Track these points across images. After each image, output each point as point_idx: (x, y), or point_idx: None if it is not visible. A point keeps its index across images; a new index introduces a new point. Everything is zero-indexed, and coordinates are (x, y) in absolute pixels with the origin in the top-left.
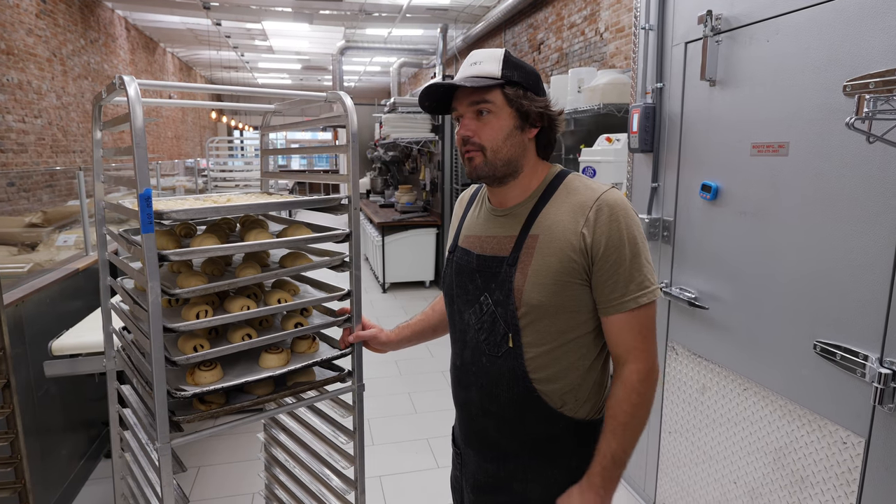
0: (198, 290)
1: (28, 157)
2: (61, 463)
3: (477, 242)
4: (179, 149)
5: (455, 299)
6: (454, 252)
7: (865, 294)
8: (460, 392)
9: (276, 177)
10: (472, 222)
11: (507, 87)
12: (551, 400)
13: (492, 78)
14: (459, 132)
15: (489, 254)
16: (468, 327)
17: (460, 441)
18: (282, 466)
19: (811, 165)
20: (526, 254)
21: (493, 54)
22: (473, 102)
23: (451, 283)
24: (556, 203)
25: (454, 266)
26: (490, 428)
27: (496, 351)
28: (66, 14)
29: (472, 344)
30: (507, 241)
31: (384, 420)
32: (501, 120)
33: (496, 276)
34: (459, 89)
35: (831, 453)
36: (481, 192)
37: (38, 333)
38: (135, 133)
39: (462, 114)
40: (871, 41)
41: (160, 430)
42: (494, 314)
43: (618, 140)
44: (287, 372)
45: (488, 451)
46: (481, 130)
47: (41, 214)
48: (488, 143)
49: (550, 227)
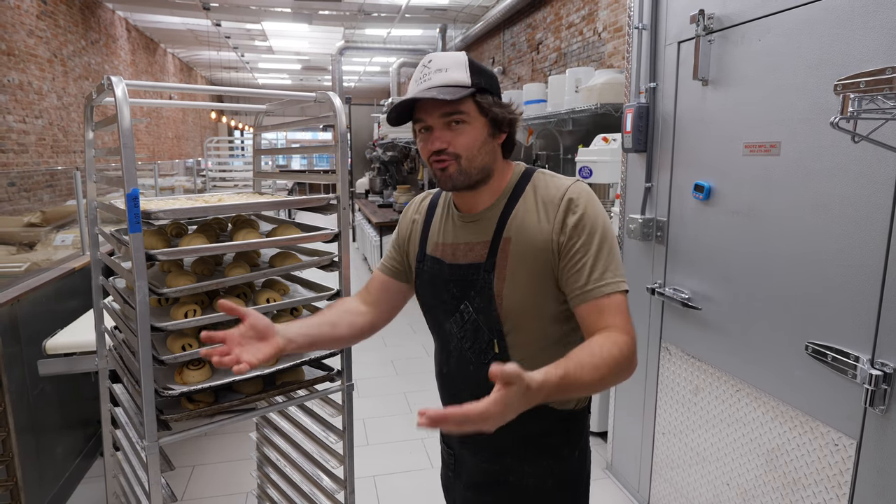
0: (186, 290)
1: (29, 157)
2: (57, 461)
3: (449, 250)
4: (180, 149)
5: (433, 309)
6: (423, 262)
7: (856, 294)
8: (450, 400)
9: (269, 177)
10: (440, 229)
11: (478, 95)
12: None
13: (463, 87)
14: (430, 145)
15: (463, 261)
16: (451, 336)
17: (454, 441)
18: (273, 466)
19: (803, 165)
20: (501, 258)
21: (457, 59)
22: (446, 114)
23: (425, 293)
24: (525, 202)
25: (426, 276)
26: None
27: (483, 358)
28: (66, 15)
29: (457, 353)
30: (480, 246)
31: (379, 420)
32: (476, 129)
33: (474, 284)
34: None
35: (823, 455)
36: (443, 198)
37: (34, 332)
38: (122, 133)
39: (430, 125)
40: (862, 40)
41: (148, 429)
42: (477, 322)
43: (614, 140)
44: (276, 371)
45: (483, 451)
46: (455, 140)
47: (40, 214)
48: (464, 151)
49: (521, 228)
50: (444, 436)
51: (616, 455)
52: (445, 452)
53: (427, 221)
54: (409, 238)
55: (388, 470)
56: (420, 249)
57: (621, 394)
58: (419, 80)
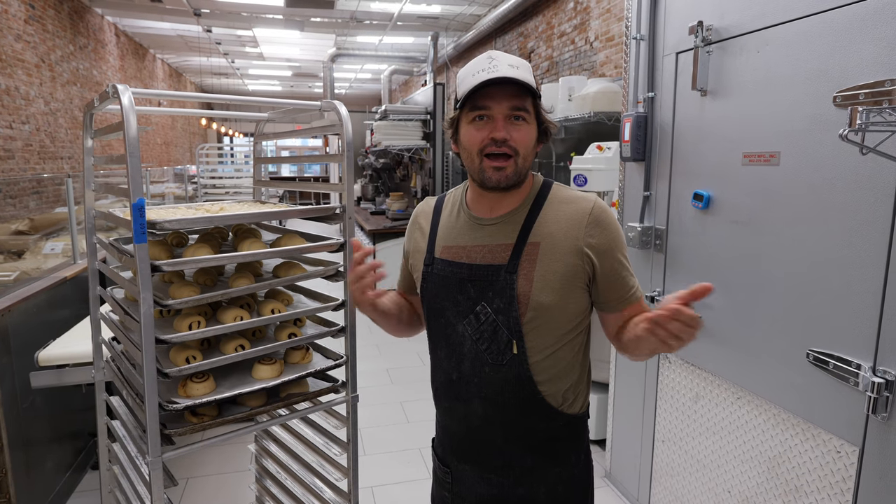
0: (190, 301)
1: (15, 163)
2: (47, 475)
3: (463, 252)
4: (169, 155)
5: (443, 312)
6: (431, 264)
7: (857, 303)
8: (458, 406)
9: (269, 185)
10: (451, 233)
11: (537, 99)
12: (554, 400)
13: (531, 87)
14: (494, 133)
15: (482, 262)
16: (464, 339)
17: (452, 459)
18: (273, 478)
19: (802, 175)
20: (527, 260)
21: (525, 63)
22: (515, 107)
23: (435, 296)
24: (550, 211)
25: (436, 278)
26: (494, 437)
27: (500, 359)
28: (55, 20)
29: (472, 355)
30: (501, 248)
31: (376, 430)
32: (532, 130)
33: (493, 285)
34: (496, 88)
35: (825, 462)
36: (452, 201)
37: (25, 343)
38: (128, 142)
39: (493, 115)
40: (861, 52)
41: (151, 444)
42: (496, 322)
43: (608, 148)
44: (280, 383)
45: (489, 462)
46: (516, 135)
47: (28, 222)
48: (522, 149)
49: (552, 235)
50: (439, 453)
51: (615, 462)
52: (440, 471)
53: (434, 225)
54: (414, 247)
55: (387, 480)
56: (428, 252)
57: (620, 401)
58: (484, 70)
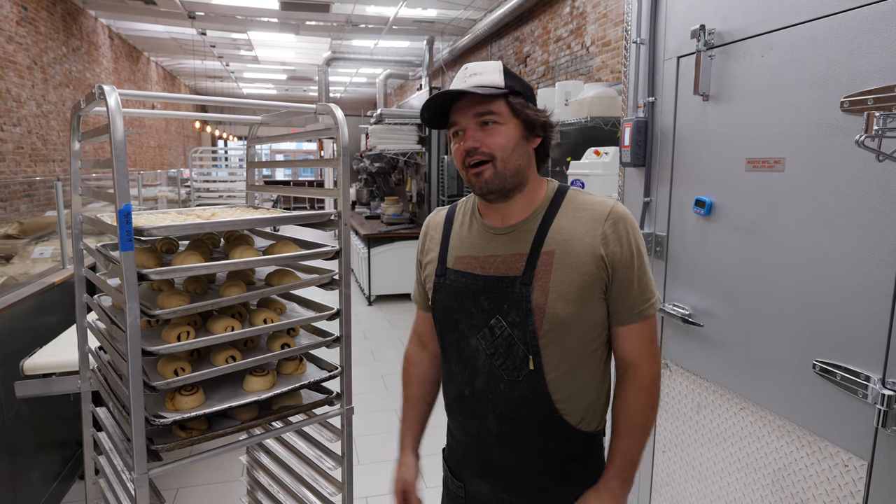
0: (179, 311)
1: (6, 166)
2: (33, 485)
3: (476, 263)
4: (162, 159)
5: (456, 325)
6: (444, 276)
7: (865, 313)
8: (472, 423)
9: (262, 190)
10: (463, 243)
11: (511, 97)
12: (572, 418)
13: (496, 88)
14: (463, 145)
15: (496, 274)
16: (478, 353)
17: (466, 474)
18: (265, 491)
19: (808, 181)
20: (542, 270)
21: (492, 65)
22: (478, 114)
23: (447, 308)
24: (564, 218)
25: (449, 290)
26: (508, 455)
27: (516, 375)
28: (47, 22)
29: (486, 370)
30: (514, 259)
31: (370, 438)
32: (509, 129)
33: (508, 297)
34: (461, 101)
35: (832, 476)
36: (463, 211)
37: (11, 351)
38: (115, 145)
39: (464, 127)
40: (869, 57)
41: (137, 460)
42: (511, 336)
43: (606, 153)
44: (273, 396)
45: (504, 480)
46: (488, 139)
47: (17, 225)
48: (498, 151)
49: (567, 242)
50: (451, 465)
51: None
52: (453, 484)
53: (445, 235)
54: (426, 260)
55: (382, 490)
56: (440, 264)
57: None
58: (455, 87)
